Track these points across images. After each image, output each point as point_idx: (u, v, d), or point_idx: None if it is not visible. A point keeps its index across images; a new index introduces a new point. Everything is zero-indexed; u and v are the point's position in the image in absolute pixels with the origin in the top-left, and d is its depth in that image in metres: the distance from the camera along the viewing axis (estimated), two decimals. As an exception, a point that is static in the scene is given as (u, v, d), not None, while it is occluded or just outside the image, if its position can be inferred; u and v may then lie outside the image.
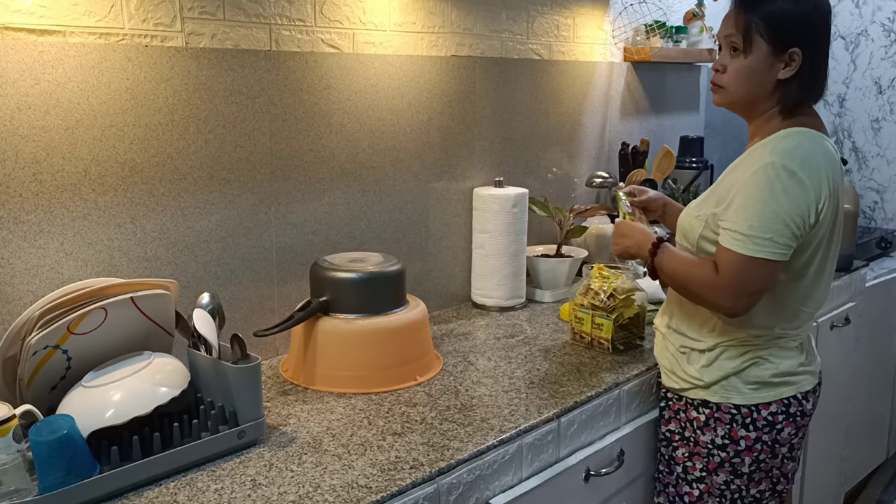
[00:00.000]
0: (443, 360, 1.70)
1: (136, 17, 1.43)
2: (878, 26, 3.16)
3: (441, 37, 1.98)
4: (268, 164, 1.66)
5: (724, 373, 1.48)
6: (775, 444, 1.49)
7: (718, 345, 1.49)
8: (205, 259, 1.58)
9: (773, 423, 1.48)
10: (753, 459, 1.49)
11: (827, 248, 1.44)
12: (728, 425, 1.49)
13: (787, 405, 1.48)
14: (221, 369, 1.29)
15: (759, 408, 1.47)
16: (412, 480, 1.19)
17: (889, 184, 3.18)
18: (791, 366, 1.49)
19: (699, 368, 1.50)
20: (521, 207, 2.05)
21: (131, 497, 1.14)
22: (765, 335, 1.47)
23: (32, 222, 1.35)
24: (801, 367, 1.50)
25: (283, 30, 1.65)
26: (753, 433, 1.48)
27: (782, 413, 1.48)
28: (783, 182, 1.34)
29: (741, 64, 1.42)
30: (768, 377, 1.47)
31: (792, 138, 1.39)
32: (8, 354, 1.23)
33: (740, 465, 1.50)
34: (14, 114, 1.30)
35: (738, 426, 1.48)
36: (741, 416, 1.48)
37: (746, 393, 1.47)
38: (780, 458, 1.51)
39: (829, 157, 1.39)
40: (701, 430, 1.52)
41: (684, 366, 1.53)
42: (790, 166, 1.34)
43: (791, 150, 1.36)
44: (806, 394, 1.51)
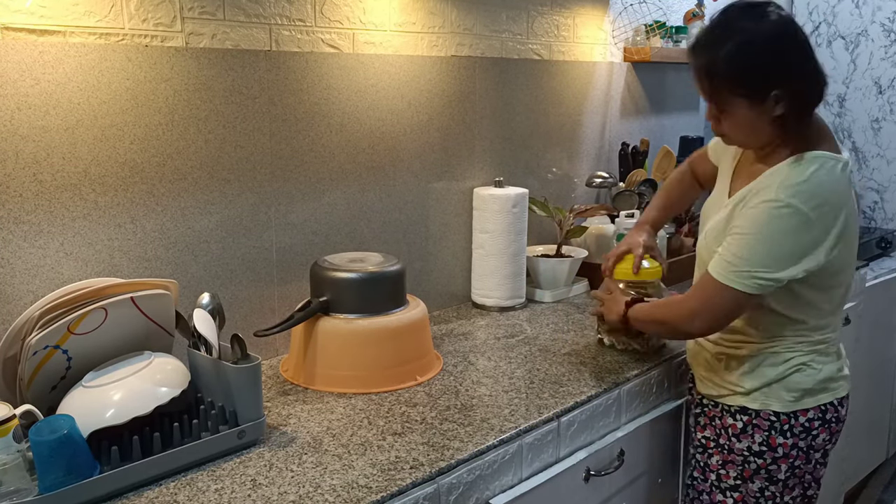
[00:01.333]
0: (443, 360, 1.70)
1: (136, 18, 1.43)
2: (878, 26, 3.17)
3: (441, 37, 1.98)
4: (268, 164, 1.66)
5: (765, 380, 1.48)
6: (810, 450, 1.49)
7: (762, 351, 1.48)
8: (205, 259, 1.58)
9: (810, 430, 1.48)
10: (789, 466, 1.49)
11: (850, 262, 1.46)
12: (767, 432, 1.48)
13: (824, 411, 1.48)
14: (221, 369, 1.29)
15: (797, 414, 1.47)
16: (412, 480, 1.19)
17: (889, 184, 3.18)
18: (831, 372, 1.49)
19: (739, 375, 1.50)
20: (521, 207, 2.05)
21: (131, 497, 1.14)
22: (807, 341, 1.47)
23: (33, 222, 1.35)
24: (840, 373, 1.51)
25: (284, 30, 1.65)
26: (790, 440, 1.47)
27: (819, 419, 1.48)
28: (786, 222, 1.33)
29: (730, 122, 1.41)
30: (811, 384, 1.47)
31: (803, 168, 1.36)
32: (8, 354, 1.23)
33: (777, 472, 1.49)
34: (14, 114, 1.30)
35: (777, 433, 1.48)
36: (780, 423, 1.47)
37: (787, 401, 1.47)
38: (814, 463, 1.51)
39: (844, 185, 1.37)
40: (737, 437, 1.51)
41: (722, 372, 1.53)
42: (799, 206, 1.33)
43: (801, 186, 1.34)
44: (842, 399, 1.51)
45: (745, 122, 1.40)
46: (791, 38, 1.37)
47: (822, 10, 3.31)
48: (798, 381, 1.47)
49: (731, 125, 1.42)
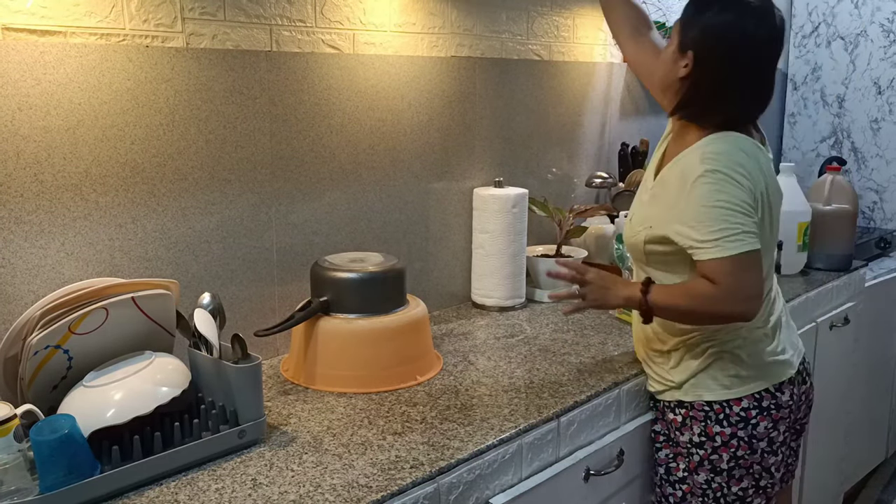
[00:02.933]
0: (443, 359, 1.70)
1: (136, 18, 1.44)
2: (878, 27, 3.17)
3: (441, 37, 1.98)
4: (268, 164, 1.66)
5: (690, 372, 1.52)
6: (752, 440, 1.49)
7: (680, 344, 1.52)
8: (205, 259, 1.59)
9: (747, 419, 1.49)
10: (731, 455, 1.50)
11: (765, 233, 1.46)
12: (703, 423, 1.51)
13: (759, 399, 1.49)
14: (222, 369, 1.29)
15: (730, 403, 1.49)
16: (412, 480, 1.20)
17: (888, 184, 3.19)
18: (759, 357, 1.50)
19: (668, 370, 1.56)
20: (521, 207, 2.05)
21: (132, 497, 1.14)
22: (727, 328, 1.48)
23: (34, 222, 1.35)
24: (772, 358, 1.51)
25: (284, 30, 1.65)
26: (728, 429, 1.49)
27: (755, 408, 1.49)
28: (721, 184, 1.38)
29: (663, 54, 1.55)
30: (735, 372, 1.49)
31: (716, 144, 1.44)
32: (9, 354, 1.23)
33: (719, 462, 1.51)
34: (15, 114, 1.30)
35: (713, 422, 1.50)
36: (714, 413, 1.50)
37: (716, 389, 1.50)
38: (760, 452, 1.50)
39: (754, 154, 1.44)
40: (679, 430, 1.55)
41: (656, 369, 1.59)
42: (723, 170, 1.38)
43: (718, 156, 1.41)
44: (780, 385, 1.51)
45: (665, 61, 1.52)
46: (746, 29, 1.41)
47: (821, 10, 3.32)
48: (723, 368, 1.49)
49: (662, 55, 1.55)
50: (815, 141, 3.41)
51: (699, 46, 1.44)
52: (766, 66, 1.46)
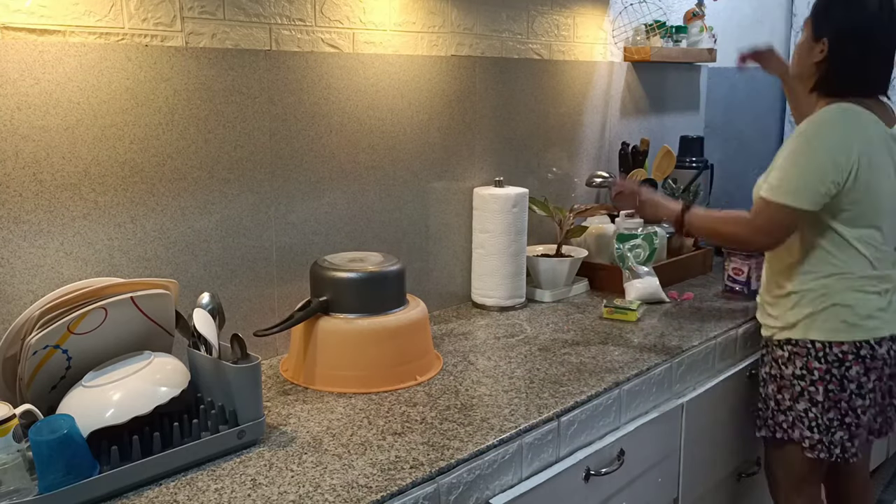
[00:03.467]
0: (443, 359, 1.70)
1: (136, 17, 1.43)
2: (878, 26, 3.15)
3: (441, 36, 1.98)
4: (268, 163, 1.66)
5: (805, 314, 1.72)
6: (844, 380, 1.70)
7: (803, 290, 1.72)
8: (205, 259, 1.58)
9: (843, 361, 1.69)
10: (824, 389, 1.71)
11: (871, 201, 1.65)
12: (804, 358, 1.73)
13: (859, 347, 1.69)
14: (221, 369, 1.29)
15: (832, 345, 1.70)
16: (412, 480, 1.19)
17: (889, 184, 3.17)
18: (866, 310, 1.69)
19: (785, 312, 1.76)
20: (521, 207, 2.05)
21: (131, 497, 1.14)
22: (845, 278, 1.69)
23: (32, 222, 1.35)
24: (879, 314, 1.70)
25: (284, 29, 1.65)
26: (824, 366, 1.70)
27: (853, 353, 1.69)
28: (796, 145, 1.64)
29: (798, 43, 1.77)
30: (844, 318, 1.69)
31: (827, 112, 1.66)
32: (8, 354, 1.23)
33: (815, 395, 1.72)
34: (14, 113, 1.30)
35: (813, 358, 1.71)
36: (815, 350, 1.71)
37: (824, 331, 1.70)
38: (849, 392, 1.70)
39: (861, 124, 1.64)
40: (785, 364, 1.77)
41: (773, 313, 1.79)
42: (804, 131, 1.64)
43: (823, 121, 1.64)
44: (881, 340, 1.70)
45: (800, 49, 1.75)
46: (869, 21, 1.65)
47: (822, 9, 3.30)
48: (835, 314, 1.69)
49: (796, 50, 1.78)
50: (816, 140, 3.39)
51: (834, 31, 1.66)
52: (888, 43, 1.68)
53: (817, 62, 1.70)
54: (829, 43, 1.67)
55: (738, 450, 2.03)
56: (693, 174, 2.64)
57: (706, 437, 1.88)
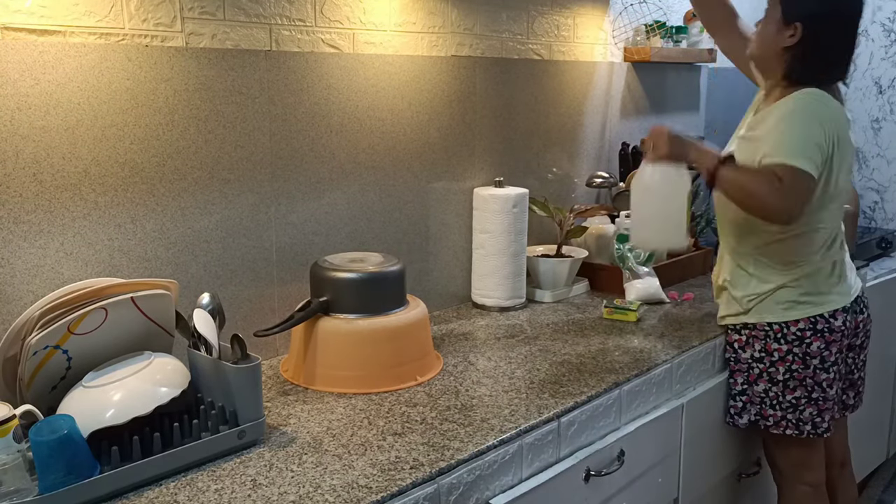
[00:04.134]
0: (443, 360, 1.70)
1: (136, 18, 1.43)
2: (879, 26, 3.17)
3: (441, 37, 1.98)
4: (268, 164, 1.66)
5: (757, 297, 1.76)
6: (806, 357, 1.74)
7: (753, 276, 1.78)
8: (205, 259, 1.58)
9: (802, 338, 1.74)
10: (787, 369, 1.75)
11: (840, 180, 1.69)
12: (763, 341, 1.77)
13: (814, 322, 1.74)
14: (221, 369, 1.29)
15: (788, 325, 1.74)
16: (412, 480, 1.19)
17: (889, 184, 3.18)
18: (816, 287, 1.74)
19: (738, 298, 1.80)
20: (522, 207, 2.05)
21: (131, 497, 1.14)
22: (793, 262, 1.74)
23: (33, 222, 1.35)
24: (829, 288, 1.75)
25: (284, 30, 1.65)
26: (785, 346, 1.75)
27: (809, 329, 1.74)
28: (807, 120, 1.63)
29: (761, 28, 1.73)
30: (794, 298, 1.74)
31: (807, 94, 1.66)
32: (8, 354, 1.23)
33: (775, 374, 1.76)
34: (14, 114, 1.30)
35: (772, 340, 1.76)
36: (773, 332, 1.76)
37: (777, 312, 1.74)
38: (812, 368, 1.75)
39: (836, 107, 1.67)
40: (742, 348, 1.81)
41: (727, 299, 1.84)
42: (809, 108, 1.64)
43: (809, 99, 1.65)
44: (834, 312, 1.75)
45: (765, 31, 1.71)
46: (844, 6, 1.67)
47: (822, 10, 3.31)
48: (785, 295, 1.74)
49: (760, 31, 1.73)
50: (816, 140, 3.39)
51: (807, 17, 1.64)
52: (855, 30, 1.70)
53: (785, 47, 1.67)
54: (801, 29, 1.64)
55: (738, 450, 2.02)
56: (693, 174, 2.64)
57: (706, 437, 1.88)
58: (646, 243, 1.92)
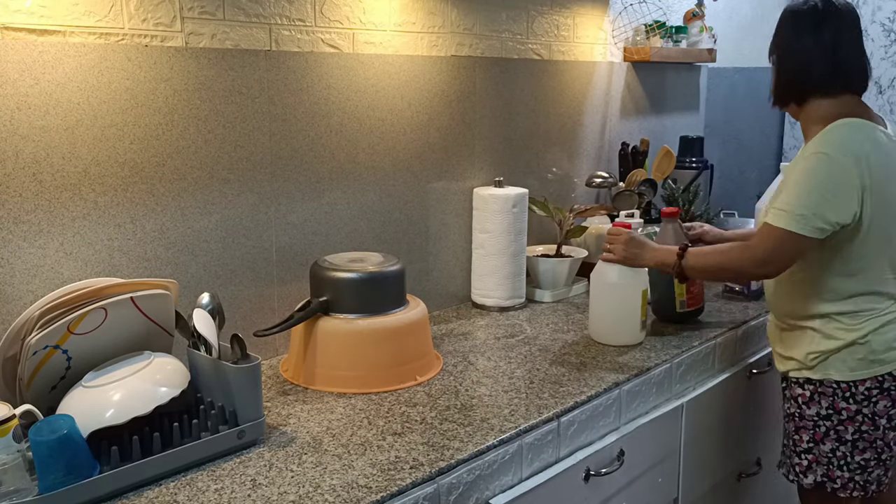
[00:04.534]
0: (443, 360, 1.70)
1: (136, 17, 1.43)
2: (878, 26, 3.16)
3: (441, 37, 1.98)
4: (268, 163, 1.66)
5: (823, 353, 1.64)
6: (875, 416, 1.63)
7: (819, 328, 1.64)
8: (205, 259, 1.58)
9: (870, 398, 1.63)
10: (856, 429, 1.64)
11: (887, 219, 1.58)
12: (831, 398, 1.65)
13: (882, 381, 1.62)
14: (221, 369, 1.29)
15: (856, 384, 1.63)
16: (412, 480, 1.19)
17: (889, 184, 3.18)
18: (884, 345, 1.62)
19: (800, 350, 1.67)
20: (521, 207, 2.05)
21: (131, 497, 1.14)
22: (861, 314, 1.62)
23: (32, 222, 1.35)
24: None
25: (283, 30, 1.65)
26: (854, 405, 1.63)
27: (877, 388, 1.62)
28: (820, 167, 1.53)
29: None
30: (862, 356, 1.61)
31: (836, 129, 1.57)
32: (8, 354, 1.23)
33: (844, 433, 1.65)
34: (14, 114, 1.30)
35: (840, 399, 1.64)
36: (841, 391, 1.63)
37: (843, 371, 1.63)
38: (882, 429, 1.64)
39: (872, 141, 1.56)
40: (806, 404, 1.68)
41: (788, 349, 1.71)
42: (828, 152, 1.54)
43: (829, 136, 1.56)
44: None
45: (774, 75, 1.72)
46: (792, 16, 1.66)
47: (822, 9, 3.31)
48: (852, 353, 1.62)
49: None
50: (816, 140, 3.39)
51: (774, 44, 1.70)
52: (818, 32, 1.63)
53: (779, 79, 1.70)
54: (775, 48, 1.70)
55: (738, 450, 2.02)
56: (693, 174, 2.64)
57: (706, 437, 1.88)
58: (600, 337, 1.81)
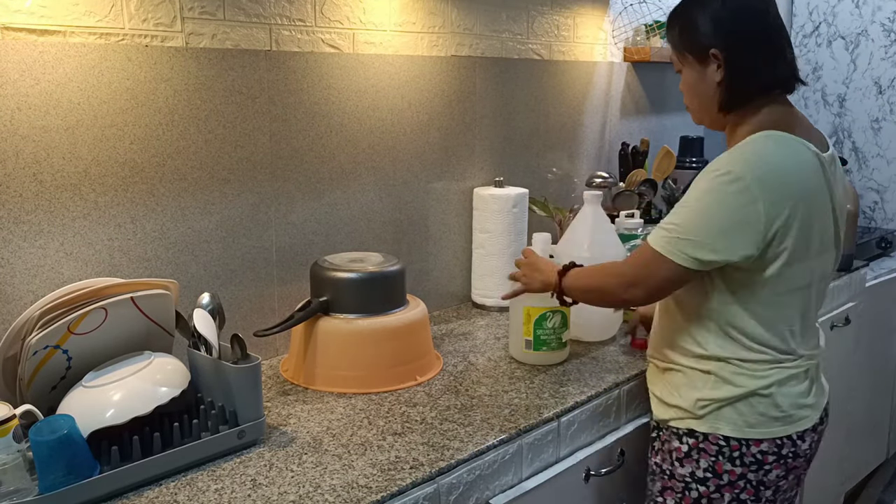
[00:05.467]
0: (443, 360, 1.70)
1: (136, 18, 1.43)
2: (878, 26, 3.16)
3: (441, 37, 1.98)
4: (268, 164, 1.66)
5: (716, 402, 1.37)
6: (760, 486, 1.38)
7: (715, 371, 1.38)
8: (205, 259, 1.58)
9: (762, 463, 1.37)
10: (733, 497, 1.39)
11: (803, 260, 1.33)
12: (714, 457, 1.38)
13: (780, 446, 1.37)
14: (221, 369, 1.29)
15: (749, 443, 1.36)
16: (412, 480, 1.19)
17: (889, 184, 3.18)
18: (794, 399, 1.37)
19: (688, 397, 1.40)
20: (521, 207, 2.05)
21: (131, 497, 1.14)
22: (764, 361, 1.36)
23: (33, 222, 1.35)
24: (802, 401, 1.38)
25: (284, 30, 1.65)
26: (739, 468, 1.37)
27: (773, 454, 1.37)
28: (724, 190, 1.26)
29: (683, 86, 1.46)
30: (763, 411, 1.36)
31: (759, 141, 1.31)
32: (8, 354, 1.23)
33: (718, 501, 1.40)
34: (14, 114, 1.30)
35: (725, 459, 1.38)
36: (729, 449, 1.37)
37: (739, 425, 1.36)
38: (763, 501, 1.40)
39: (809, 173, 1.30)
40: (680, 461, 1.42)
41: (672, 393, 1.43)
42: (741, 174, 1.26)
43: (749, 156, 1.29)
44: (803, 433, 1.39)
45: (689, 84, 1.44)
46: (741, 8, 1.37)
47: (822, 10, 3.31)
48: (752, 405, 1.36)
49: (687, 91, 1.45)
50: (816, 140, 3.40)
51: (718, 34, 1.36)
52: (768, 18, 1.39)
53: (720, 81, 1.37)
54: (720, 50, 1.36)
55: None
56: (693, 174, 2.64)
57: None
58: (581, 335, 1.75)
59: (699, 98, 1.43)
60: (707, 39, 1.37)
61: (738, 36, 1.36)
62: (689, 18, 1.40)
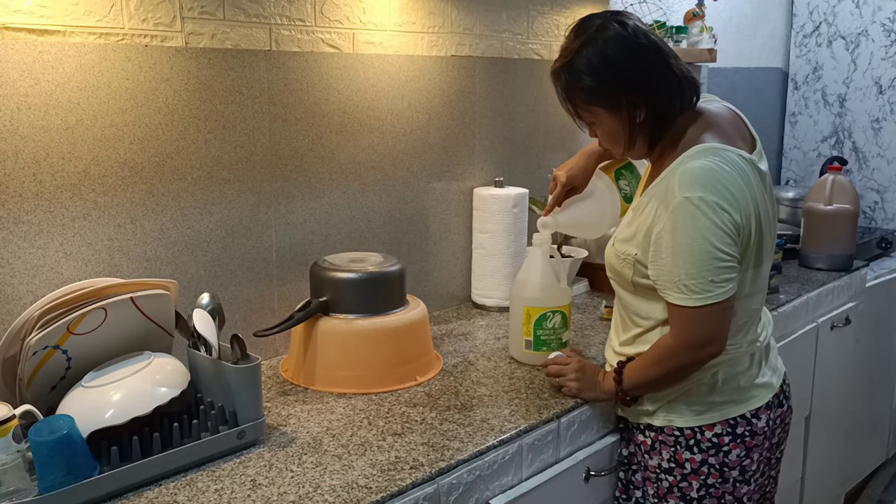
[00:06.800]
0: (443, 360, 1.69)
1: (135, 17, 1.43)
2: (879, 26, 3.17)
3: (441, 37, 1.98)
4: (268, 164, 1.66)
5: (662, 397, 1.44)
6: (724, 468, 1.42)
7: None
8: (205, 259, 1.58)
9: (719, 445, 1.41)
10: (701, 483, 1.43)
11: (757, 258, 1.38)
12: (672, 448, 1.43)
13: (734, 425, 1.41)
14: (221, 369, 1.29)
15: (702, 429, 1.41)
16: (412, 480, 1.19)
17: (889, 184, 3.18)
18: (735, 382, 1.42)
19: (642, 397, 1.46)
20: (522, 207, 2.05)
21: (131, 497, 1.14)
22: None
23: (32, 222, 1.35)
24: (750, 382, 1.43)
25: (283, 30, 1.65)
26: (698, 455, 1.42)
27: (728, 434, 1.41)
28: (700, 216, 1.28)
29: (601, 133, 1.43)
30: (709, 398, 1.41)
31: (700, 161, 1.31)
32: (8, 354, 1.23)
33: (688, 490, 1.43)
34: (14, 114, 1.30)
35: (683, 448, 1.43)
36: (684, 439, 1.42)
37: (687, 415, 1.42)
38: (731, 481, 1.43)
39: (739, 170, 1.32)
40: (648, 454, 1.48)
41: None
42: (706, 196, 1.27)
43: (700, 178, 1.29)
44: (757, 411, 1.43)
45: (611, 135, 1.41)
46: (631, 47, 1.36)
47: (822, 10, 3.31)
48: (697, 394, 1.41)
49: (603, 136, 1.43)
50: (817, 141, 3.40)
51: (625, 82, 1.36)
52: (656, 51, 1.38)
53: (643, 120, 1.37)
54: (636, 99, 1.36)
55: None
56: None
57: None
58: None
59: (626, 140, 1.41)
60: (611, 87, 1.36)
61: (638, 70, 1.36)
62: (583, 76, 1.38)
